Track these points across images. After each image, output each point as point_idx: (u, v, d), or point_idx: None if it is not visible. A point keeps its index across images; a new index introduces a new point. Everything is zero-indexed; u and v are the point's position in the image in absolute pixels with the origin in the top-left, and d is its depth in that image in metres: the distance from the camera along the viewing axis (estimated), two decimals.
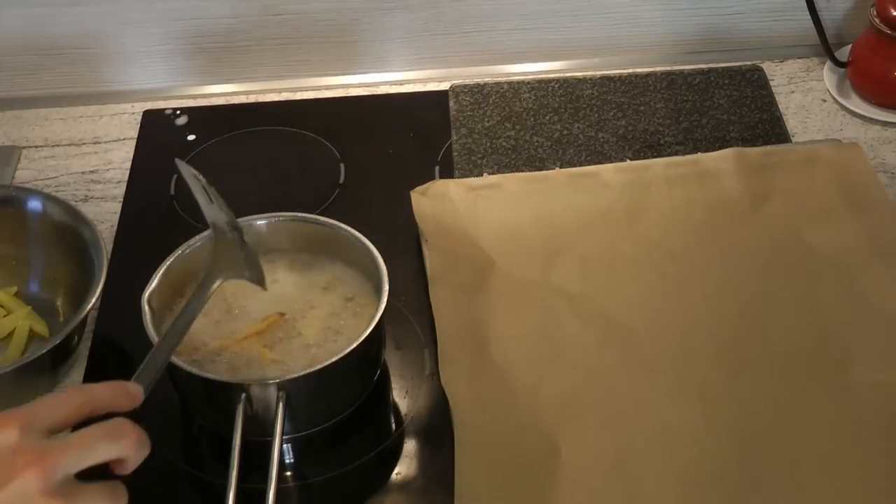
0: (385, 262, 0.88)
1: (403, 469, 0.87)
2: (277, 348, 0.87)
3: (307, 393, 0.84)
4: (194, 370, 0.82)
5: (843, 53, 1.18)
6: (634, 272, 0.96)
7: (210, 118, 1.18)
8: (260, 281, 0.85)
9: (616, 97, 1.17)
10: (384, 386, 0.92)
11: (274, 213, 0.93)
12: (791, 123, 1.14)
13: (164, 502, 0.87)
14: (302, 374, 0.82)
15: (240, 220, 0.91)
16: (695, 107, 1.15)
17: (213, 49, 1.20)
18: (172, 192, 1.10)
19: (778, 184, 1.02)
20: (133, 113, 1.19)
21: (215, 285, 0.82)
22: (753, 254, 0.97)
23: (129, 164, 1.13)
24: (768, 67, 1.20)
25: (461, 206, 1.01)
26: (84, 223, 0.94)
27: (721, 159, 1.04)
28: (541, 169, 1.09)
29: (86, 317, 0.90)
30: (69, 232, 0.95)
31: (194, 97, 1.21)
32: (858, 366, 0.88)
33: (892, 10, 1.10)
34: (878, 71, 1.13)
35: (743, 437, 0.84)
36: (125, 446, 0.65)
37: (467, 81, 1.19)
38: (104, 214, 1.07)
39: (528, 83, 1.19)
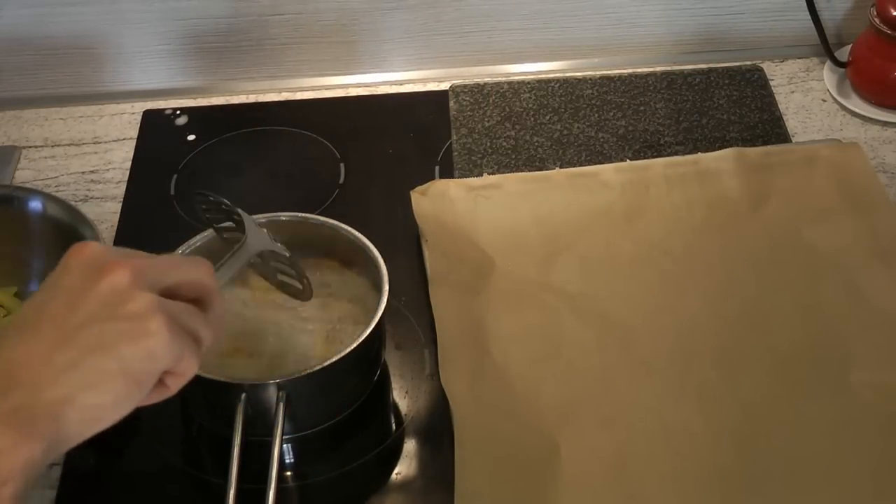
0: (385, 262, 0.88)
1: (403, 469, 0.87)
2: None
3: (307, 393, 0.84)
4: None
5: (843, 53, 1.18)
6: (634, 272, 0.96)
7: (210, 118, 1.18)
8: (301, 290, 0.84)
9: (616, 97, 1.17)
10: (384, 386, 0.92)
11: (274, 213, 0.93)
12: (791, 123, 1.14)
13: (164, 502, 0.87)
14: (302, 374, 0.82)
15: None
16: (695, 107, 1.15)
17: (213, 49, 1.20)
18: (172, 192, 1.10)
19: (778, 184, 1.02)
20: (133, 113, 1.19)
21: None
22: (753, 254, 0.97)
23: (129, 164, 1.13)
24: (768, 67, 1.20)
25: (461, 206, 1.01)
26: (84, 223, 0.94)
27: (721, 159, 1.04)
28: (541, 169, 1.09)
29: None
30: (69, 232, 0.95)
31: (194, 97, 1.21)
32: (858, 366, 0.88)
33: (892, 10, 1.10)
34: (878, 71, 1.13)
35: (743, 437, 0.84)
36: (204, 272, 0.67)
37: (467, 81, 1.19)
38: (104, 214, 1.07)
39: (528, 83, 1.19)
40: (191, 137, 1.16)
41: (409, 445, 0.88)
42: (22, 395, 0.57)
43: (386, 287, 0.86)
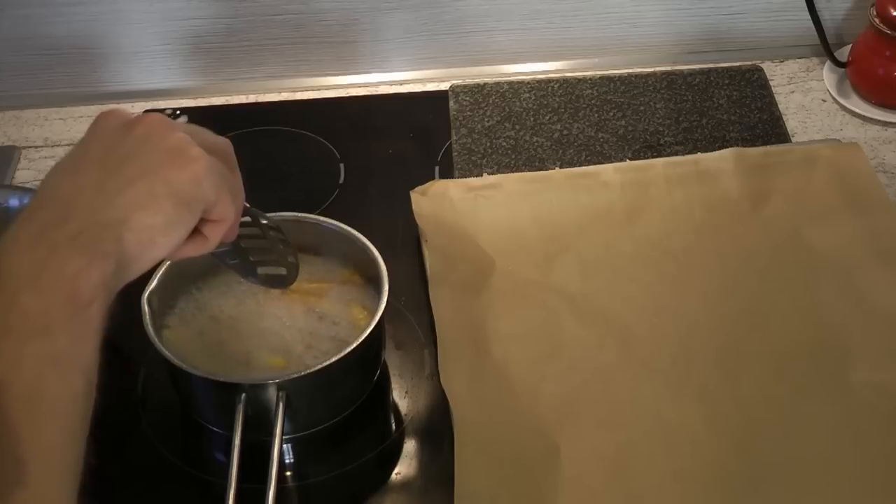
0: (385, 262, 0.88)
1: (403, 469, 0.87)
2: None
3: (307, 393, 0.84)
4: (194, 370, 0.82)
5: (843, 53, 1.18)
6: (634, 272, 0.96)
7: (210, 118, 1.18)
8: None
9: (616, 97, 1.17)
10: (384, 386, 0.92)
11: (274, 213, 0.93)
12: (791, 123, 1.14)
13: (164, 502, 0.87)
14: (302, 373, 0.82)
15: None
16: (695, 107, 1.15)
17: (213, 49, 1.20)
18: None
19: (778, 184, 1.02)
20: (133, 113, 1.19)
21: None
22: (753, 254, 0.97)
23: None
24: (768, 67, 1.20)
25: (461, 206, 1.01)
26: None
27: (721, 159, 1.04)
28: (541, 169, 1.09)
29: None
30: None
31: (194, 97, 1.21)
32: (858, 366, 0.88)
33: (892, 10, 1.10)
34: (878, 71, 1.13)
35: (743, 436, 0.84)
36: (227, 143, 0.71)
37: (467, 81, 1.19)
38: None
39: (528, 83, 1.19)
40: None
41: (409, 445, 0.88)
42: (80, 220, 0.59)
43: (386, 287, 0.86)
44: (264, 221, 0.81)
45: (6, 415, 0.54)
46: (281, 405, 0.82)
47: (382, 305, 0.85)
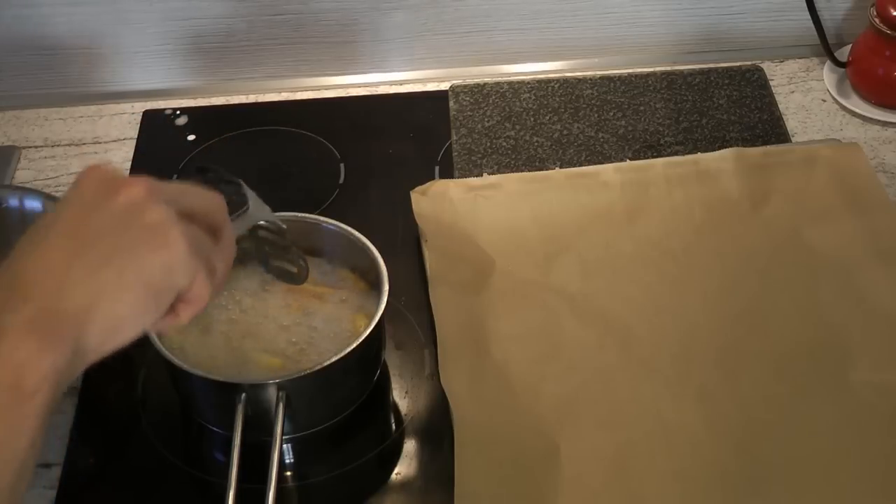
0: (385, 262, 0.88)
1: (403, 469, 0.87)
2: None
3: (307, 393, 0.84)
4: (194, 370, 0.82)
5: (843, 53, 1.18)
6: (634, 272, 0.96)
7: (210, 118, 1.18)
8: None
9: (616, 97, 1.17)
10: (384, 386, 0.92)
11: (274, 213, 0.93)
12: (791, 123, 1.14)
13: (164, 502, 0.87)
14: (302, 374, 0.82)
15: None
16: (695, 107, 1.15)
17: (213, 49, 1.20)
18: None
19: (778, 184, 1.02)
20: (133, 113, 1.19)
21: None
22: (753, 254, 0.97)
23: (129, 164, 1.13)
24: (768, 67, 1.20)
25: (461, 206, 1.01)
26: None
27: (721, 159, 1.04)
28: (541, 169, 1.09)
29: None
30: None
31: (194, 97, 1.21)
32: (858, 366, 0.88)
33: (892, 10, 1.10)
34: (878, 71, 1.13)
35: (743, 436, 0.84)
36: (218, 204, 0.66)
37: (467, 81, 1.19)
38: None
39: (528, 83, 1.19)
40: (191, 137, 1.16)
41: (409, 445, 0.88)
42: (41, 302, 0.56)
43: (386, 287, 0.86)
44: (284, 226, 0.82)
45: None
46: (281, 405, 0.82)
47: (382, 305, 0.85)
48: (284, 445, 0.87)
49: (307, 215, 0.94)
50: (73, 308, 0.56)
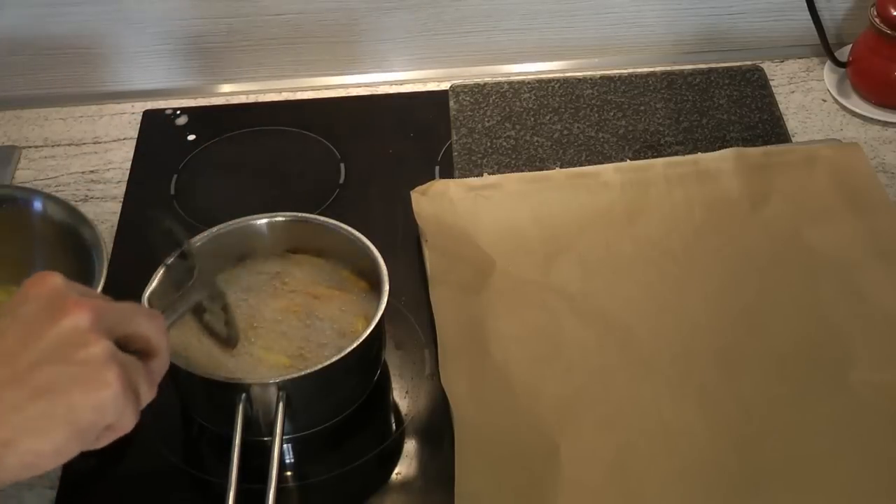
0: (385, 262, 0.88)
1: (403, 469, 0.87)
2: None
3: (307, 393, 0.84)
4: (194, 370, 0.82)
5: (843, 53, 1.18)
6: (634, 272, 0.96)
7: (210, 118, 1.18)
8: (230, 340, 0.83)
9: (616, 97, 1.17)
10: (384, 386, 0.92)
11: (274, 213, 0.93)
12: (791, 123, 1.14)
13: (165, 502, 0.87)
14: (302, 374, 0.82)
15: (240, 219, 0.91)
16: (695, 107, 1.15)
17: (213, 49, 1.20)
18: (172, 192, 1.10)
19: (778, 184, 1.02)
20: (133, 113, 1.19)
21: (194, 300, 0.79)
22: (753, 254, 0.97)
23: (129, 164, 1.13)
24: (768, 67, 1.20)
25: (461, 206, 1.01)
26: (84, 223, 0.94)
27: (721, 159, 1.04)
28: (541, 169, 1.09)
29: None
30: (69, 232, 0.95)
31: (194, 97, 1.21)
32: (858, 366, 0.88)
33: (892, 10, 1.10)
34: (878, 71, 1.13)
35: (743, 436, 0.84)
36: (157, 327, 0.66)
37: (467, 81, 1.19)
38: (104, 214, 1.07)
39: (528, 83, 1.19)
40: (191, 137, 1.16)
41: (409, 445, 0.88)
42: None
43: (386, 287, 0.86)
44: (227, 299, 0.82)
45: None
46: (281, 405, 0.82)
47: (382, 305, 0.85)
48: (284, 445, 0.87)
49: (307, 215, 0.94)
50: None
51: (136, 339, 0.65)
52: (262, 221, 0.93)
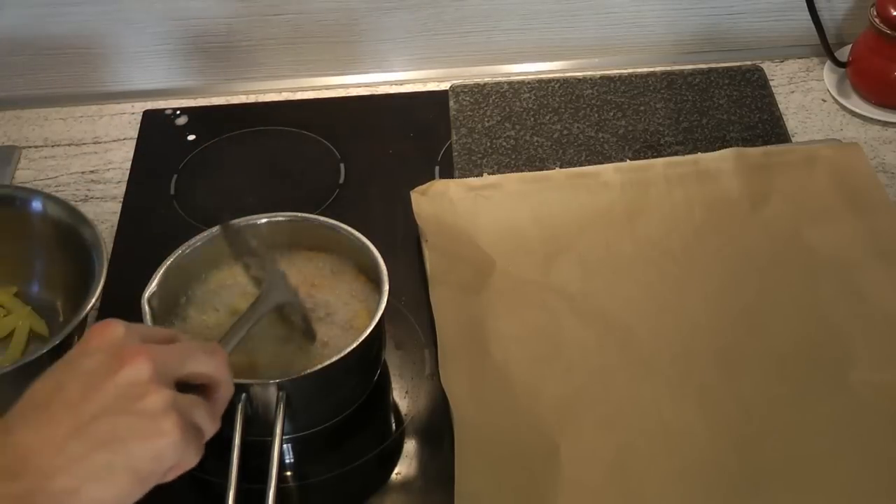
0: (385, 262, 0.88)
1: (403, 469, 0.87)
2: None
3: (307, 393, 0.84)
4: None
5: (843, 53, 1.18)
6: (634, 272, 0.96)
7: (210, 118, 1.18)
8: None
9: (616, 97, 1.17)
10: (384, 386, 0.92)
11: (274, 213, 0.93)
12: (791, 123, 1.14)
13: (165, 502, 0.87)
14: (302, 374, 0.82)
15: (240, 220, 0.91)
16: (695, 107, 1.15)
17: (213, 49, 1.20)
18: (172, 192, 1.10)
19: (778, 184, 1.02)
20: (133, 113, 1.19)
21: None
22: (753, 254, 0.97)
23: (129, 164, 1.13)
24: (768, 67, 1.20)
25: (461, 206, 1.01)
26: (84, 223, 0.94)
27: (721, 159, 1.04)
28: (541, 169, 1.09)
29: (86, 317, 0.90)
30: (69, 232, 0.95)
31: (194, 97, 1.21)
32: (858, 366, 0.88)
33: (892, 10, 1.10)
34: (878, 71, 1.13)
35: (743, 437, 0.84)
36: (217, 363, 0.69)
37: (467, 81, 1.19)
38: (104, 214, 1.07)
39: (528, 83, 1.19)
40: (191, 137, 1.16)
41: (409, 445, 0.88)
42: (31, 481, 0.59)
43: (386, 287, 0.86)
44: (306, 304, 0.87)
45: None
46: (281, 405, 0.82)
47: (382, 305, 0.85)
48: (284, 445, 0.87)
49: (307, 215, 0.94)
50: (61, 490, 0.59)
51: (198, 377, 0.68)
52: (262, 221, 0.93)
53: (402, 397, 0.91)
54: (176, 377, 0.66)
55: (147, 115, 1.18)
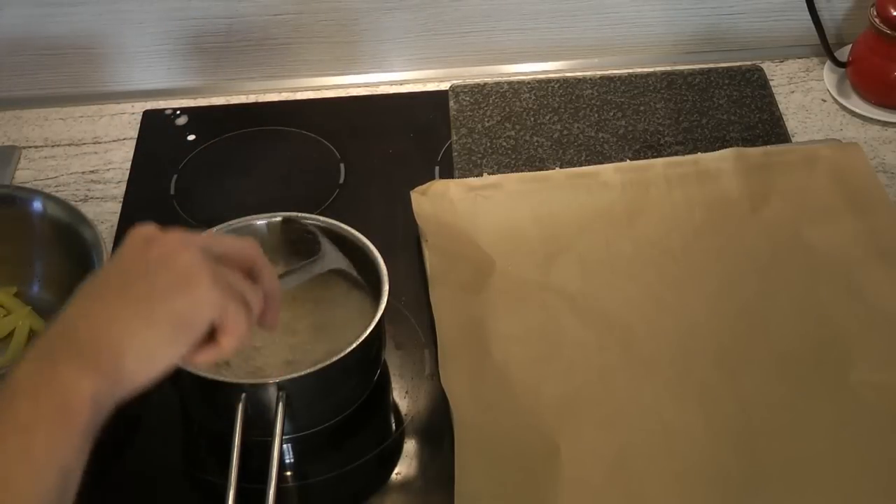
0: (385, 262, 0.88)
1: (403, 469, 0.87)
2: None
3: (307, 393, 0.84)
4: (194, 370, 0.82)
5: (843, 53, 1.18)
6: (634, 272, 0.96)
7: (210, 118, 1.18)
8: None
9: (616, 97, 1.17)
10: (384, 386, 0.92)
11: (274, 213, 0.93)
12: (791, 123, 1.14)
13: (164, 502, 0.87)
14: (302, 374, 0.82)
15: (240, 220, 0.91)
16: (695, 107, 1.15)
17: (213, 49, 1.20)
18: (172, 192, 1.10)
19: (778, 184, 1.02)
20: (133, 113, 1.19)
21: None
22: (753, 254, 0.97)
23: (129, 164, 1.13)
24: (768, 67, 1.20)
25: (461, 206, 1.01)
26: (84, 223, 0.94)
27: (721, 159, 1.04)
28: (541, 169, 1.09)
29: None
30: (69, 232, 0.95)
31: (194, 97, 1.21)
32: (858, 366, 0.88)
33: (892, 10, 1.10)
34: (878, 71, 1.13)
35: (743, 437, 0.84)
36: (251, 245, 0.73)
37: (467, 81, 1.19)
38: (104, 214, 1.07)
39: (528, 83, 1.19)
40: (191, 137, 1.16)
41: (409, 445, 0.88)
42: (84, 339, 0.63)
43: (386, 287, 0.86)
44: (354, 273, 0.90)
45: None
46: (281, 405, 0.82)
47: (382, 305, 0.85)
48: (284, 445, 0.87)
49: (307, 215, 0.94)
50: (112, 338, 0.64)
51: (233, 258, 0.71)
52: (262, 221, 0.93)
53: (402, 397, 0.91)
54: (212, 252, 0.69)
55: (147, 115, 1.18)
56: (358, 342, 0.83)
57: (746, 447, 0.83)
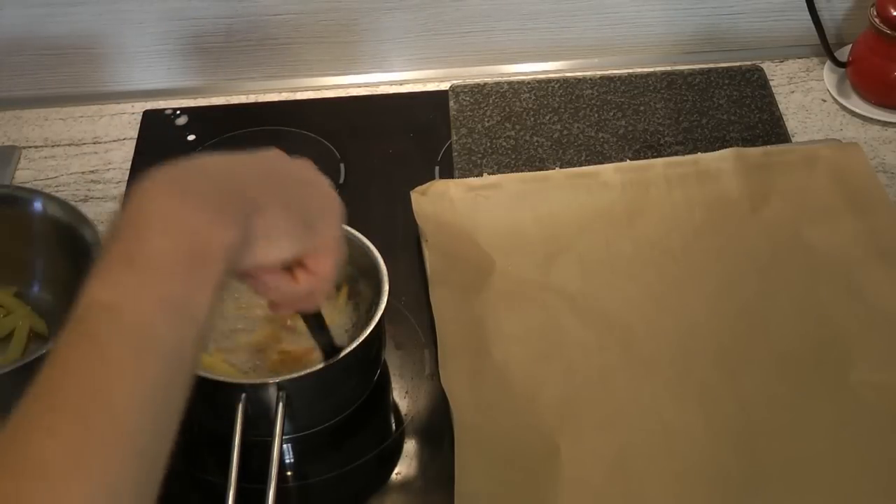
0: (385, 262, 0.88)
1: (403, 469, 0.87)
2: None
3: (307, 393, 0.84)
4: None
5: (843, 53, 1.18)
6: (634, 272, 0.96)
7: (210, 118, 1.18)
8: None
9: (616, 97, 1.17)
10: (384, 386, 0.92)
11: None
12: (791, 123, 1.14)
13: (165, 502, 0.87)
14: (302, 373, 0.82)
15: None
16: (695, 107, 1.15)
17: (213, 49, 1.20)
18: None
19: (778, 184, 1.02)
20: (133, 113, 1.19)
21: None
22: (753, 254, 0.97)
23: (129, 164, 1.13)
24: (768, 67, 1.20)
25: (461, 206, 1.01)
26: (84, 223, 0.94)
27: (721, 159, 1.04)
28: (541, 169, 1.09)
29: None
30: (69, 232, 0.95)
31: (194, 97, 1.21)
32: (858, 366, 0.88)
33: (892, 10, 1.10)
34: (878, 71, 1.13)
35: (743, 437, 0.84)
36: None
37: (467, 81, 1.19)
38: (104, 214, 1.07)
39: (528, 83, 1.19)
40: (191, 137, 1.16)
41: (409, 445, 0.88)
42: (218, 186, 0.61)
43: (386, 287, 0.86)
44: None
45: (110, 341, 0.54)
46: (281, 405, 0.82)
47: (382, 305, 0.85)
48: (284, 445, 0.87)
49: None
50: (247, 200, 0.62)
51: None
52: None
53: (402, 397, 0.91)
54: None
55: (147, 115, 1.18)
56: (358, 342, 0.83)
57: (746, 447, 0.83)
